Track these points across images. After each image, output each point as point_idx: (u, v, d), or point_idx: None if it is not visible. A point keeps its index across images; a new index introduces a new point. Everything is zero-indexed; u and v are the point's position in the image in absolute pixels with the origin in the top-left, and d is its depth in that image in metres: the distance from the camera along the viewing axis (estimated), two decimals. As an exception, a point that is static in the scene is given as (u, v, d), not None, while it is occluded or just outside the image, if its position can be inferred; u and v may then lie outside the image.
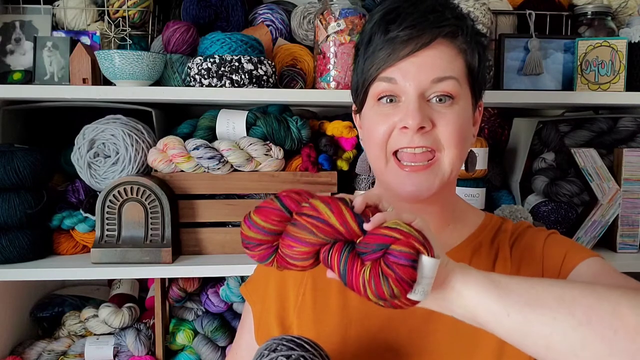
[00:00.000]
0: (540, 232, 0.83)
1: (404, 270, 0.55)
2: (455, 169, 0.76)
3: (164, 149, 1.23)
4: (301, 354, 0.60)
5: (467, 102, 0.77)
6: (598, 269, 0.73)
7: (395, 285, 0.56)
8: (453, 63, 0.74)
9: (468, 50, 0.76)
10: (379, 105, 0.76)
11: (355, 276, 0.58)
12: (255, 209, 0.63)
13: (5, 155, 1.18)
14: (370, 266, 0.57)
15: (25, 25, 1.33)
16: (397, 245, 0.56)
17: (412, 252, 0.56)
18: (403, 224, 0.57)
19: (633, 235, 1.33)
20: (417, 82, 0.72)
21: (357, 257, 0.59)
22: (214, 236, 1.27)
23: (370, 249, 0.58)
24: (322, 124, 1.34)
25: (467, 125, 0.77)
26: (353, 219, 0.59)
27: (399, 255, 0.56)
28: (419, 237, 0.56)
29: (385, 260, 0.57)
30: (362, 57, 0.77)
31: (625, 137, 1.37)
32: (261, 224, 0.62)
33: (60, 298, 1.46)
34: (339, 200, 0.60)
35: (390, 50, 0.72)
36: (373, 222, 0.58)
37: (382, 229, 0.58)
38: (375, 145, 0.76)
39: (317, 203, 0.60)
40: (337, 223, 0.59)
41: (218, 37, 1.23)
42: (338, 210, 0.59)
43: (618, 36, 1.32)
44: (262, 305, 0.87)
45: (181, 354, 1.36)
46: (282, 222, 0.62)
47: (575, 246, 0.79)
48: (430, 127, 0.73)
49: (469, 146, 0.79)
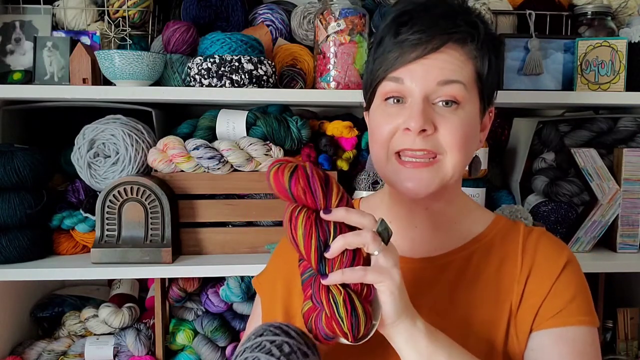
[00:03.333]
0: (559, 256, 0.79)
1: (321, 337, 0.64)
2: (457, 173, 0.76)
3: (164, 149, 1.23)
4: (285, 339, 0.63)
5: (474, 108, 0.76)
6: (579, 347, 0.74)
7: (314, 336, 0.65)
8: (462, 68, 0.74)
9: (479, 56, 0.75)
10: (385, 105, 0.77)
11: (304, 297, 0.66)
12: (275, 171, 0.66)
13: (5, 155, 1.18)
14: (310, 305, 0.65)
15: (25, 25, 1.33)
16: (325, 318, 0.63)
17: (329, 334, 0.63)
18: (342, 303, 0.61)
19: (633, 235, 1.33)
20: (423, 84, 0.73)
21: (309, 287, 0.65)
22: (214, 236, 1.27)
23: (314, 297, 0.64)
24: (322, 124, 1.34)
25: (472, 131, 0.76)
26: (316, 263, 0.63)
27: (321, 327, 0.63)
28: (343, 325, 0.61)
29: (316, 317, 0.64)
30: (372, 57, 0.78)
31: (625, 137, 1.37)
32: (271, 184, 0.66)
33: (60, 298, 1.46)
34: (318, 235, 0.63)
35: (398, 53, 0.73)
36: (329, 280, 0.63)
37: (324, 293, 0.63)
38: (378, 143, 0.76)
39: (299, 226, 0.64)
40: (304, 254, 0.64)
41: (218, 37, 1.23)
42: (308, 247, 0.63)
43: (618, 36, 1.32)
44: (270, 296, 0.88)
45: (181, 354, 1.36)
46: (286, 198, 0.66)
47: (581, 299, 0.77)
48: (433, 131, 0.73)
49: (472, 152, 0.79)
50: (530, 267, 0.78)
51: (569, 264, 0.79)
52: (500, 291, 0.78)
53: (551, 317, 0.75)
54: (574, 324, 0.75)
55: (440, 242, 0.81)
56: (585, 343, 0.75)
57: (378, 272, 0.63)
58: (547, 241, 0.82)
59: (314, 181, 0.64)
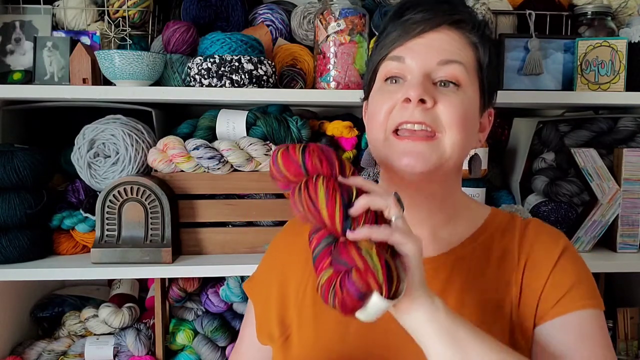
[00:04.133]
0: (554, 245, 0.79)
1: (350, 299, 0.58)
2: (456, 155, 0.74)
3: (164, 149, 1.23)
4: None
5: (474, 94, 0.76)
6: (585, 331, 0.72)
7: (338, 304, 0.59)
8: (462, 50, 0.75)
9: (479, 45, 0.76)
10: (385, 85, 0.77)
11: (319, 270, 0.62)
12: (283, 150, 0.66)
13: (5, 155, 1.18)
14: (330, 273, 0.60)
15: (25, 25, 1.33)
16: (356, 274, 0.58)
17: (363, 288, 0.58)
18: (375, 254, 0.58)
19: (633, 235, 1.33)
20: (423, 61, 0.73)
21: (329, 254, 0.62)
22: (214, 236, 1.27)
23: (336, 260, 0.60)
24: (322, 124, 1.34)
25: (471, 115, 0.76)
26: (341, 220, 0.61)
27: (351, 285, 0.58)
28: (379, 276, 0.57)
29: (341, 279, 0.59)
30: (376, 45, 0.80)
31: (625, 137, 1.37)
32: (281, 168, 0.66)
33: (60, 298, 1.46)
34: (342, 193, 0.62)
35: (401, 31, 0.75)
36: (356, 234, 0.61)
37: (354, 249, 0.59)
38: (377, 123, 0.76)
39: (321, 188, 0.62)
40: (326, 217, 0.62)
41: (218, 37, 1.23)
42: (332, 206, 0.61)
43: (618, 36, 1.32)
44: (263, 303, 0.87)
45: (181, 354, 1.36)
46: (298, 176, 0.66)
47: (581, 284, 0.76)
48: (432, 104, 0.72)
49: (471, 137, 0.77)
50: (526, 259, 0.78)
51: (565, 251, 0.78)
52: (501, 287, 0.77)
53: (552, 308, 0.74)
54: (578, 308, 0.73)
55: (439, 242, 0.81)
56: (591, 326, 0.73)
57: (403, 233, 0.62)
58: (543, 231, 0.82)
59: (328, 151, 0.66)
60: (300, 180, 0.65)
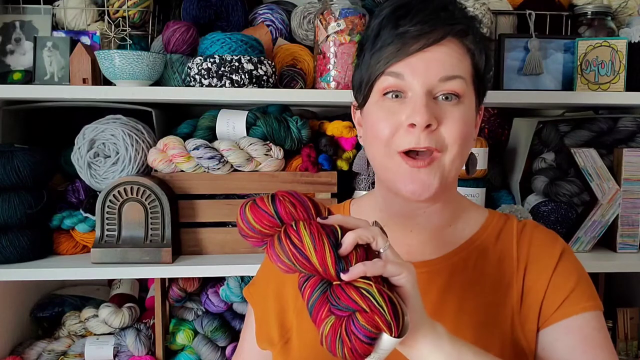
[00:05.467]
0: (553, 247, 0.79)
1: (360, 345, 0.55)
2: (455, 169, 0.75)
3: (164, 149, 1.23)
4: None
5: (472, 102, 0.76)
6: (587, 333, 0.73)
7: (348, 353, 0.56)
8: (461, 62, 0.73)
9: (476, 51, 0.75)
10: (384, 101, 0.74)
11: (319, 320, 0.58)
12: (251, 204, 0.62)
13: (5, 155, 1.18)
14: (333, 321, 0.57)
15: (25, 25, 1.33)
16: (362, 317, 0.55)
17: (372, 331, 0.55)
18: (376, 292, 0.56)
19: (633, 235, 1.33)
20: (425, 79, 0.71)
21: (326, 302, 0.59)
22: (214, 236, 1.27)
23: (337, 305, 0.57)
24: (322, 124, 1.34)
25: (471, 125, 0.76)
26: (333, 263, 0.58)
27: (359, 329, 0.55)
28: (386, 315, 0.55)
29: (347, 326, 0.56)
30: (369, 52, 0.75)
31: (625, 137, 1.37)
32: (252, 223, 0.62)
33: (60, 298, 1.46)
34: (328, 234, 0.59)
35: (400, 45, 0.71)
36: (351, 274, 0.57)
37: (354, 290, 0.56)
38: (379, 142, 0.74)
39: (304, 233, 0.59)
40: (316, 262, 0.58)
41: (218, 37, 1.23)
42: (321, 250, 0.58)
43: (618, 36, 1.32)
44: (263, 307, 0.87)
45: (181, 354, 1.36)
46: (272, 227, 0.61)
47: (581, 286, 0.77)
48: (437, 126, 0.71)
49: (470, 147, 0.78)
50: (526, 262, 0.78)
51: (564, 254, 0.79)
52: (500, 290, 0.77)
53: (555, 311, 0.75)
54: (578, 312, 0.74)
55: (437, 245, 0.80)
56: (592, 328, 0.74)
57: (396, 264, 0.60)
58: (540, 234, 0.82)
59: (298, 195, 0.62)
60: (276, 232, 0.61)
